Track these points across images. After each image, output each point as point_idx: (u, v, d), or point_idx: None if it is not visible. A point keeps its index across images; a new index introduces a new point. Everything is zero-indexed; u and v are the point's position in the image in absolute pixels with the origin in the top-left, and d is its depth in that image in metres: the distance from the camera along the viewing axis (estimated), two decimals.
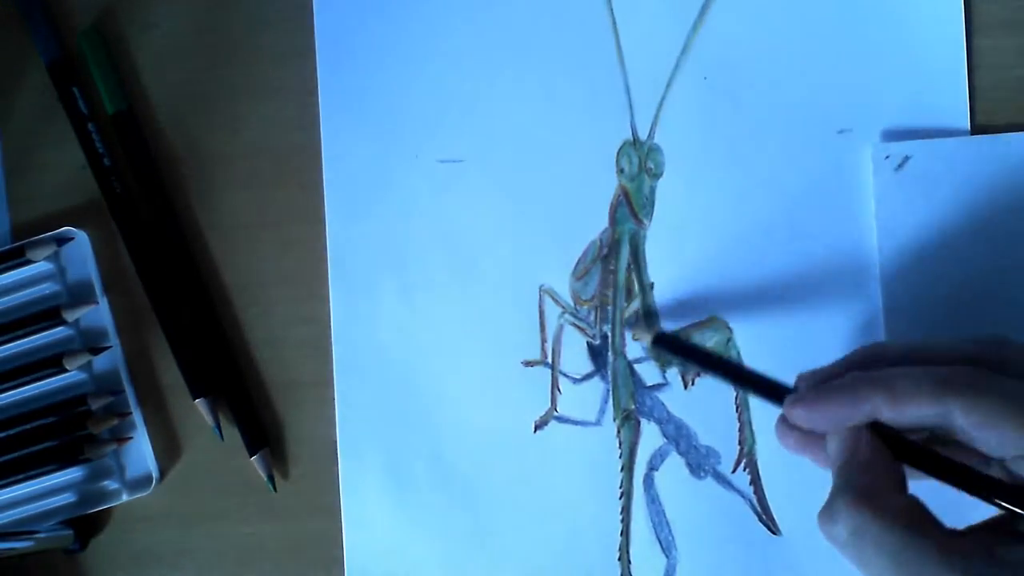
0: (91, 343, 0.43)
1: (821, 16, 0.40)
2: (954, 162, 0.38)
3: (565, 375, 0.41)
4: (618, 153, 0.41)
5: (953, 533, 0.28)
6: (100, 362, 0.43)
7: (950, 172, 0.38)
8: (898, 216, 0.39)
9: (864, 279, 0.39)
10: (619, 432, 0.40)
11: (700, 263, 0.40)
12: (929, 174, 0.38)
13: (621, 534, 0.40)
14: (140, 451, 0.43)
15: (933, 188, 0.38)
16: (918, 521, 0.28)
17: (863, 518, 0.28)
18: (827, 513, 0.29)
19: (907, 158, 0.38)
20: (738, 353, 0.40)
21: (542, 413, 0.41)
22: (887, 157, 0.39)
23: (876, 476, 0.29)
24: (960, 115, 0.39)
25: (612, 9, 0.41)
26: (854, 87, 0.39)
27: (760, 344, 0.40)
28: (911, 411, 0.28)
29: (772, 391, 0.33)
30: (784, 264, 0.39)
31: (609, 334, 0.41)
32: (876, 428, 0.29)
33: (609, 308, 0.41)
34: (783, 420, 0.32)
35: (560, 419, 0.41)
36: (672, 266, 0.40)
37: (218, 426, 0.42)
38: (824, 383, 0.31)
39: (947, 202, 0.38)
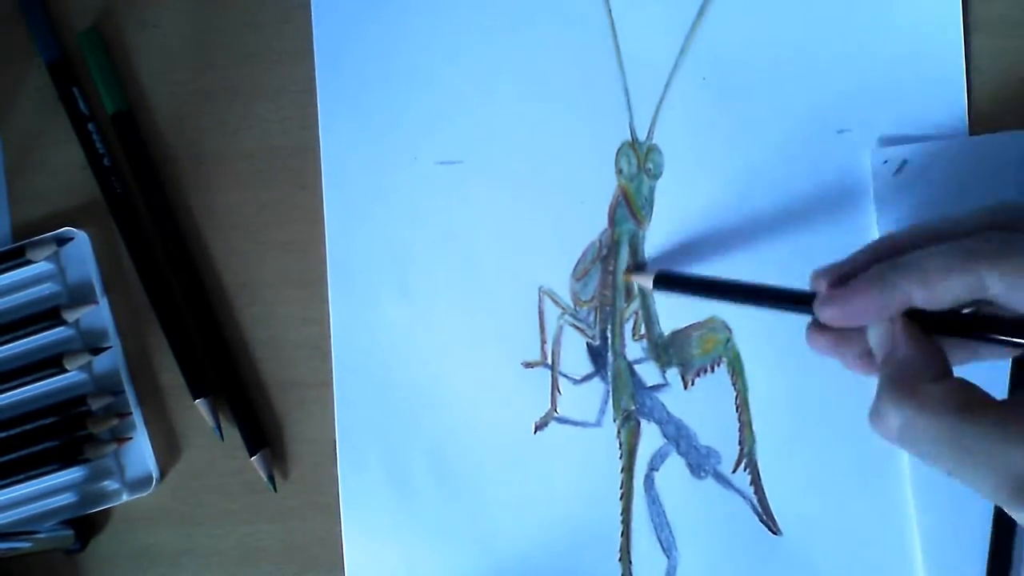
0: (91, 343, 0.43)
1: (819, 15, 0.39)
2: (952, 163, 0.38)
3: (565, 376, 0.41)
4: (617, 154, 0.40)
5: (1004, 404, 0.27)
6: (100, 362, 0.43)
7: (949, 173, 0.38)
8: (900, 220, 0.38)
9: None
10: (619, 433, 0.40)
11: (699, 263, 0.40)
12: (927, 176, 0.38)
13: (622, 535, 0.40)
14: (140, 451, 0.43)
15: (933, 190, 0.38)
16: (968, 403, 0.27)
17: (911, 411, 0.27)
18: (875, 411, 0.28)
19: (905, 162, 0.38)
20: (737, 354, 0.40)
21: (542, 414, 0.41)
22: (885, 162, 0.39)
23: (917, 366, 0.28)
24: (958, 114, 0.39)
25: (610, 10, 0.41)
26: (853, 86, 0.39)
27: (760, 344, 0.40)
28: (944, 289, 0.28)
29: (793, 299, 0.32)
30: (784, 263, 0.39)
31: (609, 335, 0.41)
32: (911, 315, 0.29)
33: (608, 309, 0.41)
34: (813, 323, 0.31)
35: (560, 420, 0.41)
36: (672, 266, 0.40)
37: (218, 426, 0.42)
38: (847, 278, 0.30)
39: (948, 203, 0.38)
